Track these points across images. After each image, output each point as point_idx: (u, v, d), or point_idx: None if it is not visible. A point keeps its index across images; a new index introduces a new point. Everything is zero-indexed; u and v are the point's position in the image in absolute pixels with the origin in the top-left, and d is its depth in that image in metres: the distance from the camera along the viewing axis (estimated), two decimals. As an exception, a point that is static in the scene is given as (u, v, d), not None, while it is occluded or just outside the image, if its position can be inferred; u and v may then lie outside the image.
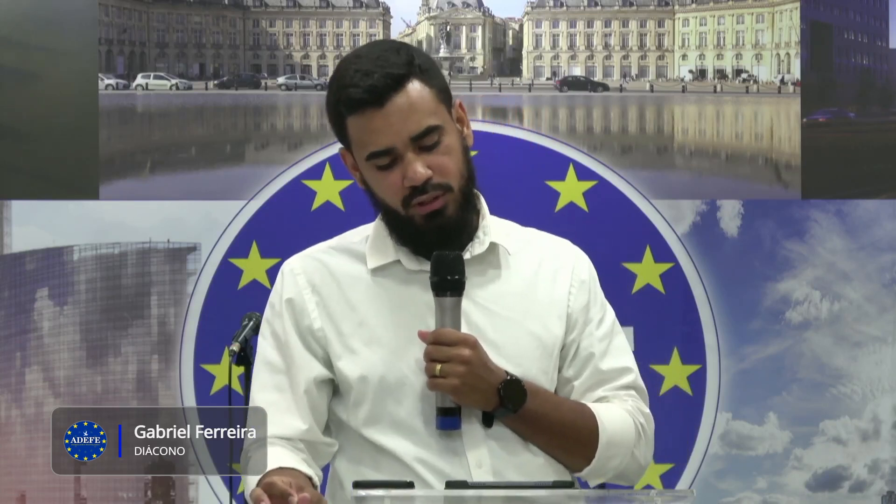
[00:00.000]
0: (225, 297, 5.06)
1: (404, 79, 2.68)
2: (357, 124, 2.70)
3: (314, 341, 2.79)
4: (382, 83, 2.66)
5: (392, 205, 2.74)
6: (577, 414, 2.76)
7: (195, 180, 5.19)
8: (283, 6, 5.41)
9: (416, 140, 2.68)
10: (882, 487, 5.17)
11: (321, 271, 2.82)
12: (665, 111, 5.37)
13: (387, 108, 2.67)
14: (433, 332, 2.69)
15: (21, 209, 5.11)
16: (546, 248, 2.87)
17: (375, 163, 2.71)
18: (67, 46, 5.15)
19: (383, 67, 2.68)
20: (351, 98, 2.68)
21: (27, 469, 5.10)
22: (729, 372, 5.14)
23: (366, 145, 2.70)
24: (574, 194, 5.14)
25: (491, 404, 2.71)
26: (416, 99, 2.69)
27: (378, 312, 2.77)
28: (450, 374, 2.67)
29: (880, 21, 5.44)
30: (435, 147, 2.70)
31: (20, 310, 5.15)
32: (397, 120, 2.67)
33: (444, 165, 2.71)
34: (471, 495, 2.50)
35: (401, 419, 2.73)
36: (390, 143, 2.68)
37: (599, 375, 2.81)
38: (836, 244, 5.20)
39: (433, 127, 2.70)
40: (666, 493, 2.47)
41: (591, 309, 2.84)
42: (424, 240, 2.74)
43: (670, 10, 5.45)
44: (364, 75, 2.67)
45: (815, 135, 5.26)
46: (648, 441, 2.83)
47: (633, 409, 2.81)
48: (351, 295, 2.79)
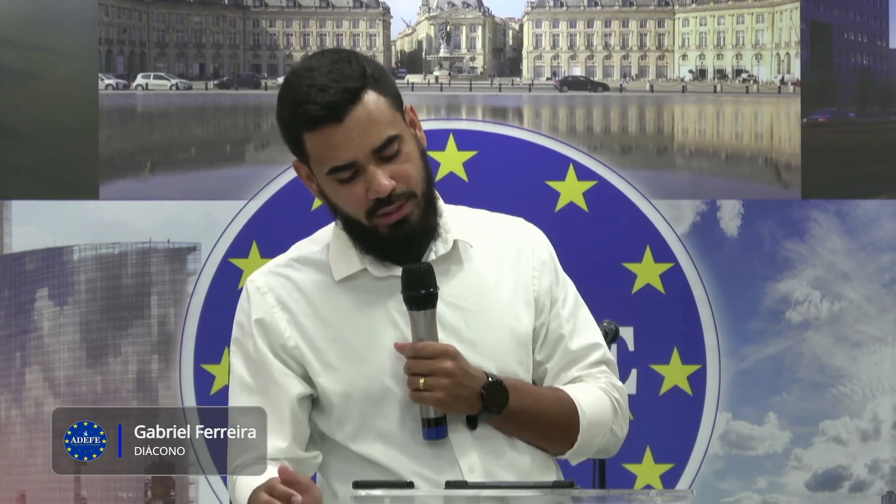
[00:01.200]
0: (225, 297, 5.06)
1: (360, 91, 2.65)
2: (316, 140, 2.67)
3: (290, 359, 2.77)
4: (340, 98, 2.64)
5: (355, 216, 2.72)
6: (556, 402, 2.77)
7: (195, 180, 5.19)
8: (283, 6, 5.41)
9: (377, 152, 2.66)
10: (882, 487, 5.17)
11: (287, 287, 2.79)
12: (665, 111, 5.37)
13: (346, 122, 2.65)
14: (411, 346, 2.69)
15: (21, 209, 5.11)
16: (503, 232, 2.86)
17: (337, 177, 2.69)
18: (67, 46, 5.15)
19: (338, 82, 2.65)
20: (308, 114, 2.65)
21: (27, 469, 5.10)
22: (729, 372, 5.14)
23: (326, 160, 2.68)
24: (574, 194, 5.14)
25: (475, 409, 2.72)
26: (374, 110, 2.66)
27: (351, 324, 2.75)
28: (434, 388, 2.67)
29: (880, 21, 5.44)
30: (396, 156, 2.68)
31: (20, 310, 5.15)
32: (357, 134, 2.65)
33: (405, 173, 2.69)
34: (471, 495, 2.50)
35: (389, 432, 2.72)
36: (352, 158, 2.66)
37: (570, 356, 2.83)
38: (836, 244, 5.20)
39: (393, 137, 2.68)
40: (666, 493, 2.47)
41: (555, 289, 2.84)
42: (389, 248, 2.72)
43: (670, 10, 5.45)
44: (320, 90, 2.65)
45: (815, 135, 5.26)
46: (624, 413, 2.85)
47: (606, 385, 2.83)
48: (321, 309, 2.77)
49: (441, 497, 2.58)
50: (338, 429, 2.76)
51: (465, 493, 2.51)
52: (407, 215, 2.70)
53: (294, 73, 2.72)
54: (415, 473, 2.70)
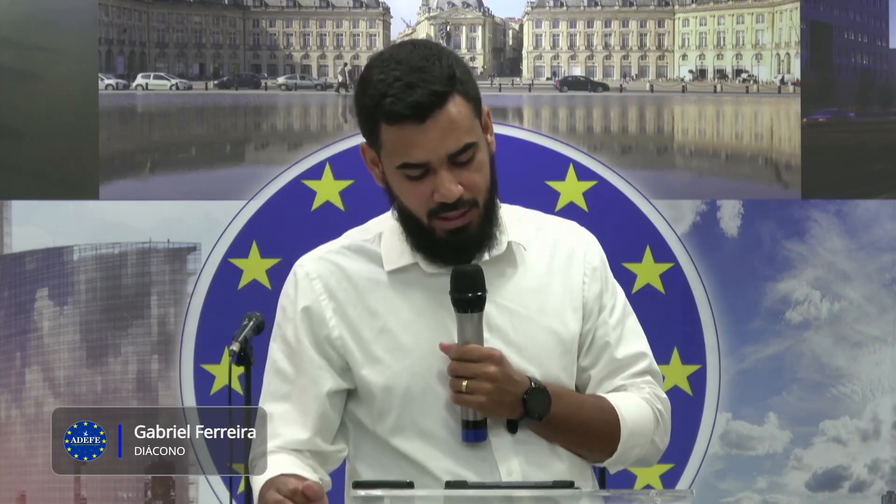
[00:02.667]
0: (225, 297, 5.06)
1: (447, 95, 2.64)
2: (393, 134, 2.66)
3: (332, 350, 2.76)
4: (426, 100, 2.63)
5: (416, 213, 2.71)
6: (598, 411, 2.77)
7: (195, 180, 5.19)
8: (283, 6, 5.41)
9: (451, 157, 2.66)
10: (882, 487, 5.17)
11: (337, 275, 2.78)
12: (665, 111, 5.37)
13: (427, 124, 2.64)
14: (457, 349, 2.68)
15: (21, 209, 5.11)
16: (556, 235, 2.86)
17: (406, 173, 2.68)
18: (67, 46, 5.15)
19: (427, 83, 2.63)
20: (392, 109, 2.63)
21: (27, 469, 5.10)
22: (729, 372, 5.14)
23: (399, 155, 2.67)
24: (574, 194, 5.14)
25: (516, 413, 2.71)
26: (456, 116, 2.65)
27: (399, 318, 2.74)
28: (476, 391, 2.66)
29: (880, 21, 5.44)
30: (468, 163, 2.68)
31: (20, 310, 5.15)
32: (436, 136, 2.64)
33: (474, 182, 2.69)
34: (471, 495, 2.50)
35: (428, 429, 2.71)
36: (426, 159, 2.65)
37: (615, 364, 2.82)
38: (836, 244, 5.20)
39: (469, 144, 2.67)
40: (666, 493, 2.47)
41: (604, 296, 2.84)
42: (442, 251, 2.72)
43: (670, 10, 5.45)
44: (406, 87, 2.63)
45: (815, 135, 5.26)
46: (666, 425, 2.84)
47: (650, 396, 2.83)
48: (369, 299, 2.76)
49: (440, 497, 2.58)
50: (378, 421, 2.75)
51: (465, 493, 2.50)
52: (468, 224, 2.69)
53: (382, 60, 2.68)
54: (452, 474, 2.70)
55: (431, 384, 2.71)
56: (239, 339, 3.54)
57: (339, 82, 5.35)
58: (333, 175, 5.12)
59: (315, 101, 5.33)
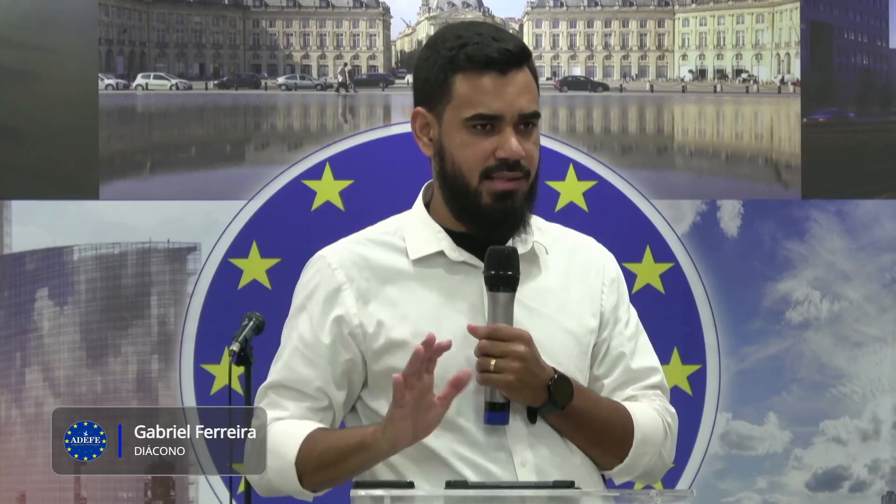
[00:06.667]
0: (225, 297, 5.06)
1: (527, 59, 2.74)
2: (470, 82, 2.71)
3: (350, 336, 2.76)
4: (516, 51, 2.71)
5: (467, 172, 2.73)
6: (614, 412, 2.78)
7: (195, 180, 5.19)
8: (283, 6, 5.41)
9: (522, 118, 2.72)
10: (882, 487, 5.17)
11: (359, 264, 2.79)
12: (665, 111, 5.37)
13: (508, 77, 2.71)
14: (489, 327, 2.69)
15: (21, 209, 5.11)
16: (574, 245, 2.89)
17: (474, 123, 2.71)
18: (67, 46, 5.15)
19: (515, 40, 2.74)
20: (479, 53, 2.70)
21: (27, 469, 5.10)
22: (729, 372, 5.14)
23: (474, 105, 2.71)
24: (574, 194, 5.14)
25: (539, 400, 2.72)
26: (531, 82, 2.74)
27: (421, 306, 2.75)
28: (505, 370, 2.67)
29: (880, 21, 5.44)
30: (529, 133, 2.74)
31: (20, 310, 5.15)
32: (514, 91, 2.71)
33: (531, 153, 2.75)
34: (471, 495, 2.50)
35: (446, 417, 2.69)
36: (500, 111, 2.70)
37: (630, 374, 2.84)
38: (836, 244, 5.20)
39: (537, 113, 2.75)
40: (666, 493, 2.47)
41: (620, 308, 2.87)
42: (483, 217, 2.74)
43: (670, 10, 5.45)
44: (494, 39, 2.71)
45: (815, 135, 5.26)
46: (673, 440, 2.86)
47: (660, 408, 2.84)
48: (391, 289, 2.77)
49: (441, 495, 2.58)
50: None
51: (465, 493, 2.51)
52: (516, 189, 2.73)
53: (453, 27, 2.79)
54: (465, 460, 2.71)
55: (451, 371, 2.68)
56: (239, 340, 3.54)
57: (339, 82, 5.35)
58: (333, 175, 5.12)
59: (315, 101, 5.33)
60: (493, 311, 2.70)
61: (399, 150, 5.05)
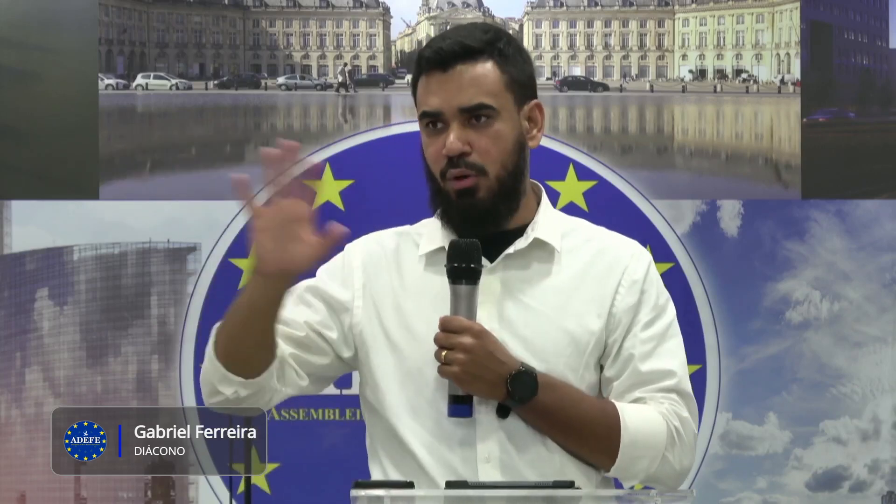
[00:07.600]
0: (225, 297, 5.02)
1: (477, 54, 2.74)
2: (422, 84, 2.76)
3: (345, 312, 2.82)
4: (450, 49, 2.72)
5: (435, 173, 2.77)
6: (597, 412, 2.76)
7: (195, 180, 5.19)
8: (283, 6, 5.41)
9: (464, 112, 2.72)
10: (882, 487, 5.17)
11: (377, 252, 2.86)
12: (665, 111, 5.37)
13: (449, 73, 2.72)
14: (441, 319, 2.71)
15: (21, 209, 5.11)
16: (603, 247, 2.88)
17: (425, 122, 2.75)
18: (67, 46, 5.15)
19: (461, 38, 2.74)
20: (422, 57, 2.76)
21: (27, 469, 5.10)
22: (729, 372, 5.14)
23: (421, 105, 2.76)
24: (574, 194, 5.14)
25: (499, 394, 2.71)
26: (480, 75, 2.73)
27: (418, 300, 2.79)
28: (453, 362, 2.68)
29: (880, 21, 5.44)
30: (483, 128, 2.73)
31: (20, 310, 5.15)
32: (453, 87, 2.72)
33: (485, 148, 2.73)
34: (471, 495, 2.50)
35: (419, 407, 2.74)
36: (439, 107, 2.72)
37: (638, 377, 2.80)
38: (836, 244, 5.20)
39: (485, 105, 2.73)
40: (666, 493, 2.47)
41: (641, 310, 2.84)
42: (457, 216, 2.76)
43: (670, 10, 5.45)
44: (441, 39, 2.76)
45: (815, 135, 5.26)
46: (685, 445, 2.79)
47: (668, 411, 2.79)
48: (395, 275, 2.83)
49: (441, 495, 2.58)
50: (381, 401, 2.80)
51: (465, 493, 2.51)
52: (472, 187, 2.73)
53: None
54: (428, 447, 2.73)
55: (429, 364, 2.73)
56: (239, 339, 3.53)
57: (339, 82, 5.35)
58: (333, 175, 5.12)
59: (315, 101, 5.33)
60: (455, 304, 2.71)
61: (399, 150, 5.05)
